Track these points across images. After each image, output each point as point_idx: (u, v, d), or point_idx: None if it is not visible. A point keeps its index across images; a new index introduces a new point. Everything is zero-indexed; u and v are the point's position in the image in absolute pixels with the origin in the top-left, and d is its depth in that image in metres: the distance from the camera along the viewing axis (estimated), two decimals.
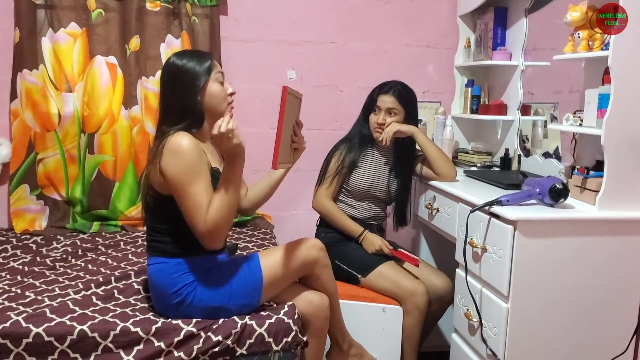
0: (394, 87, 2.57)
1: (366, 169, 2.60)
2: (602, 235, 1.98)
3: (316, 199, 2.61)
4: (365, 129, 2.62)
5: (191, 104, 1.91)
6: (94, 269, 2.41)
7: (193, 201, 1.81)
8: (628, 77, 1.94)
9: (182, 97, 1.91)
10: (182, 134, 1.85)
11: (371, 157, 2.63)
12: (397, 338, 2.44)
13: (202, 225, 1.82)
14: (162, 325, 1.89)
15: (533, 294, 1.96)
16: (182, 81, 1.91)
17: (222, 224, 1.84)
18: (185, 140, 1.83)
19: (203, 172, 1.84)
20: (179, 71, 1.92)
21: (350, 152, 2.59)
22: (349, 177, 2.59)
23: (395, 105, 2.54)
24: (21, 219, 2.96)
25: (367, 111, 2.62)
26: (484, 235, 2.07)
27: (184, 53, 2.00)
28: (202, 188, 1.82)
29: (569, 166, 2.34)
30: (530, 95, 2.92)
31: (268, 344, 1.94)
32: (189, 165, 1.82)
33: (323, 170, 2.63)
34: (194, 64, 1.92)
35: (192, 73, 1.91)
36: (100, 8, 2.97)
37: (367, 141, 2.63)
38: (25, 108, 2.90)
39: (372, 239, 2.53)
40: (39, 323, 1.84)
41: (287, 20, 3.22)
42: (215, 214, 1.81)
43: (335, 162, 2.58)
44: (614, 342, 2.03)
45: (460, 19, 3.28)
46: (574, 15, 2.13)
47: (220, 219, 1.82)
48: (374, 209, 2.65)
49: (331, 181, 2.57)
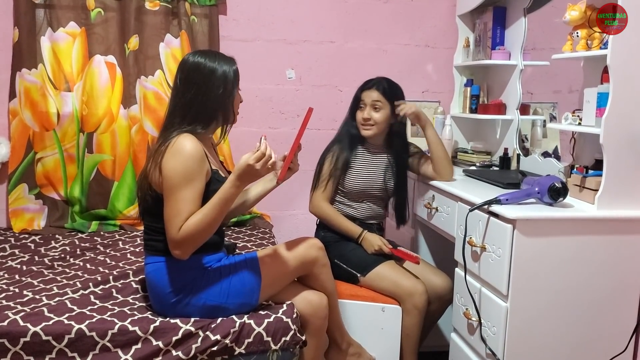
0: (378, 82, 2.57)
1: (360, 168, 2.60)
2: (601, 234, 1.97)
3: (313, 203, 2.60)
4: (353, 128, 2.61)
5: (214, 106, 1.93)
6: (93, 268, 2.41)
7: (175, 206, 1.81)
8: (627, 76, 1.93)
9: (209, 98, 1.92)
10: (188, 136, 1.86)
11: (363, 156, 2.62)
12: (396, 338, 2.44)
13: (175, 232, 1.81)
14: (160, 325, 1.89)
15: (532, 293, 1.96)
16: (212, 83, 1.91)
17: (194, 239, 1.82)
18: (189, 144, 1.83)
19: (197, 181, 1.84)
20: (210, 72, 1.92)
21: (342, 153, 2.58)
22: (343, 179, 2.59)
23: (379, 98, 2.53)
24: (20, 218, 2.96)
25: (354, 109, 2.61)
26: (483, 234, 2.07)
27: (212, 54, 1.99)
28: (189, 196, 1.81)
29: (568, 165, 2.33)
30: (529, 94, 2.91)
31: (267, 343, 1.93)
32: (186, 170, 1.81)
33: (317, 174, 2.61)
34: (227, 67, 1.94)
35: (223, 76, 1.93)
36: (100, 7, 2.97)
37: (357, 140, 2.61)
38: (24, 107, 2.90)
39: (371, 239, 2.52)
40: (37, 322, 1.83)
41: (286, 19, 3.22)
42: (192, 227, 1.80)
43: (329, 165, 2.57)
44: (614, 341, 2.03)
45: (459, 18, 3.28)
46: (573, 14, 2.13)
47: (195, 233, 1.81)
48: (373, 207, 2.65)
49: (326, 184, 2.56)
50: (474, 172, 2.75)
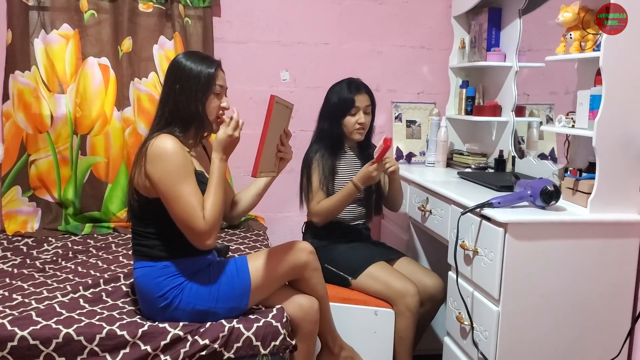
0: (362, 85, 2.58)
1: (345, 171, 2.58)
2: (593, 237, 1.96)
3: (312, 212, 2.53)
4: (338, 130, 2.57)
5: (188, 108, 1.92)
6: (84, 271, 2.40)
7: (184, 203, 1.80)
8: (619, 78, 1.92)
9: (182, 99, 1.91)
10: (165, 136, 1.85)
11: (346, 159, 2.62)
12: (389, 341, 2.42)
13: (202, 223, 1.81)
14: (148, 329, 1.87)
15: (524, 297, 1.94)
16: (186, 83, 1.91)
17: (219, 219, 1.88)
18: (169, 143, 1.82)
19: (190, 173, 1.85)
20: (184, 73, 1.92)
21: (326, 159, 2.55)
22: (331, 184, 2.55)
23: (369, 102, 2.57)
24: (13, 220, 2.95)
25: (341, 112, 2.56)
26: (475, 237, 2.05)
27: (196, 55, 1.99)
28: (192, 188, 1.83)
29: (562, 168, 2.32)
30: (525, 96, 2.90)
31: (256, 347, 1.92)
32: (177, 167, 1.81)
33: (307, 184, 2.55)
34: (203, 68, 1.93)
35: (197, 77, 1.92)
36: (93, 9, 2.96)
37: (340, 143, 2.60)
38: (17, 109, 2.89)
39: (362, 177, 2.42)
40: (25, 326, 1.82)
41: (280, 21, 3.21)
42: (212, 210, 1.84)
43: (317, 176, 2.53)
44: (607, 346, 2.01)
45: (455, 19, 3.27)
46: (566, 16, 2.12)
47: (218, 214, 1.86)
48: (358, 208, 2.63)
49: (318, 191, 2.53)
50: (468, 174, 2.74)
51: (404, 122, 3.31)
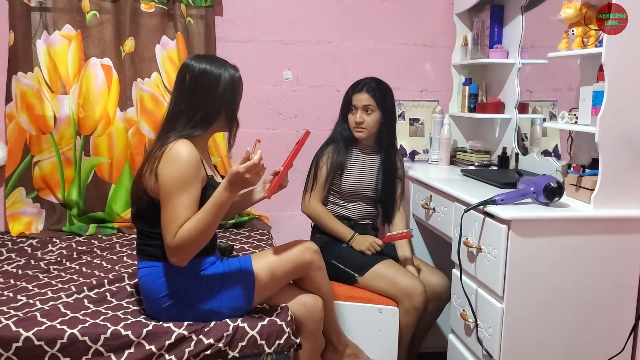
0: (367, 84, 2.58)
1: (354, 169, 2.60)
2: (597, 234, 1.96)
3: (306, 203, 2.60)
4: (345, 130, 2.62)
5: (221, 110, 1.96)
6: (88, 271, 2.40)
7: (172, 212, 1.80)
8: (622, 74, 1.91)
9: (216, 103, 1.94)
10: (184, 142, 1.85)
11: (357, 157, 2.63)
12: (394, 339, 2.42)
13: (170, 239, 1.80)
14: (153, 329, 1.88)
15: (528, 294, 1.94)
16: (219, 87, 1.94)
17: (190, 245, 1.81)
18: (185, 150, 1.83)
19: (193, 187, 1.83)
20: (218, 77, 1.94)
21: (337, 154, 2.59)
22: (339, 180, 2.58)
23: (370, 102, 2.55)
24: (17, 222, 2.96)
25: (345, 111, 2.62)
26: (479, 235, 2.05)
27: (217, 60, 2.00)
28: (185, 202, 1.81)
29: (566, 164, 2.31)
30: (529, 93, 2.89)
31: (260, 346, 1.92)
32: (182, 176, 1.81)
33: (313, 176, 2.62)
34: (233, 72, 1.98)
35: (230, 81, 1.96)
36: (95, 10, 2.96)
37: (350, 141, 2.62)
38: (20, 111, 2.90)
39: (362, 240, 2.52)
40: (29, 327, 1.83)
41: (282, 20, 3.20)
42: (187, 233, 1.78)
43: (325, 168, 2.58)
44: (611, 342, 2.01)
45: (457, 17, 3.26)
46: (568, 12, 2.11)
47: (190, 239, 1.79)
48: (366, 208, 2.64)
49: (321, 186, 2.57)
50: (471, 171, 2.73)
51: (407, 120, 3.31)
